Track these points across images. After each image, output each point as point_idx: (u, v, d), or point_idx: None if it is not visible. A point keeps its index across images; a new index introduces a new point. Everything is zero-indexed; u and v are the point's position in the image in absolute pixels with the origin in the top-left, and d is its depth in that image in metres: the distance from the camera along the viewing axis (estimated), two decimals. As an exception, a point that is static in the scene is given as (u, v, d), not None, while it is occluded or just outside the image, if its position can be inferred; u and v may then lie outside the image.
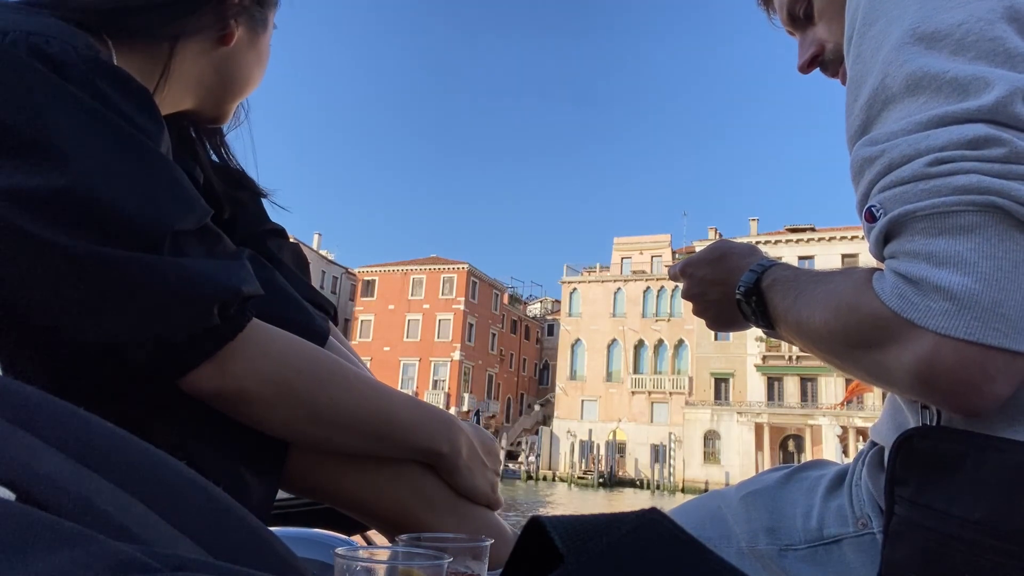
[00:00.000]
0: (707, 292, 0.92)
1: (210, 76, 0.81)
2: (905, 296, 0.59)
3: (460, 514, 0.75)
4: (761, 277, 0.80)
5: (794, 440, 39.26)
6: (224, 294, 0.61)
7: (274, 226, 0.92)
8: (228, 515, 0.38)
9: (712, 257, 0.92)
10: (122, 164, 0.59)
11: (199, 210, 0.63)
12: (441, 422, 0.76)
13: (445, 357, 47.48)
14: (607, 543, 0.30)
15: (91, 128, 0.59)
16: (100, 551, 0.25)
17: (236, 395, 0.65)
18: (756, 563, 0.89)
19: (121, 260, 0.57)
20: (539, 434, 47.83)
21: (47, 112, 0.57)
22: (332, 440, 0.71)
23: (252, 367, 0.65)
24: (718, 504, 0.97)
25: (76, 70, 0.60)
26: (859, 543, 0.80)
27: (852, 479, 0.85)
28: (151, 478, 0.35)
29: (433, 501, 0.75)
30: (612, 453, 44.08)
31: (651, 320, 45.62)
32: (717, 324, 0.94)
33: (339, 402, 0.70)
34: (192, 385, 0.63)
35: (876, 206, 0.62)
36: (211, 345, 0.62)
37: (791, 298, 0.74)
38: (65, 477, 0.30)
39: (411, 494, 0.74)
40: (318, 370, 0.70)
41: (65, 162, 0.56)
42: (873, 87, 0.65)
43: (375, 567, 0.42)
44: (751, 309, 0.81)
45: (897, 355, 0.60)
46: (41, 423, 0.33)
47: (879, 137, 0.63)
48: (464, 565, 0.49)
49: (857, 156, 0.65)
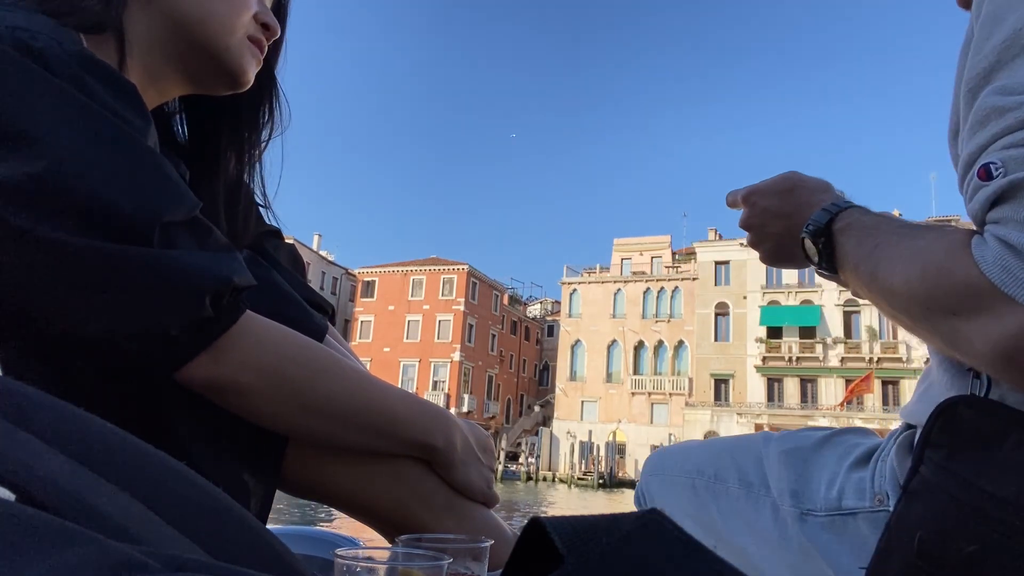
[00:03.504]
0: (768, 224, 0.86)
1: (166, 30, 0.75)
2: (1010, 269, 0.55)
3: (459, 515, 0.75)
4: (835, 218, 0.75)
5: (794, 441, 39.21)
6: (216, 285, 0.61)
7: (270, 227, 0.92)
8: (228, 515, 0.38)
9: (781, 188, 0.86)
10: (110, 156, 0.59)
11: (189, 202, 0.63)
12: (436, 417, 0.76)
13: (445, 358, 47.46)
14: (607, 543, 0.29)
15: (78, 121, 0.58)
16: (100, 551, 0.25)
17: (231, 386, 0.65)
18: (781, 523, 0.88)
19: (111, 252, 0.56)
20: (539, 435, 47.79)
21: (32, 105, 0.57)
22: (326, 433, 0.71)
23: (247, 358, 0.65)
24: (764, 452, 0.96)
25: (62, 64, 0.60)
26: (874, 519, 0.79)
27: (879, 455, 0.83)
28: (151, 478, 0.35)
29: (432, 502, 0.75)
30: (612, 454, 44.04)
31: (651, 321, 45.60)
32: (772, 259, 0.90)
33: (333, 394, 0.70)
34: (186, 376, 0.63)
35: (997, 163, 0.56)
36: (205, 337, 0.62)
37: (867, 247, 0.70)
38: (65, 477, 0.30)
39: (409, 495, 0.74)
40: (313, 362, 0.70)
41: (51, 153, 0.56)
42: (1015, 28, 0.58)
43: (375, 568, 0.42)
44: (817, 250, 0.77)
45: (983, 326, 0.56)
46: (41, 423, 0.33)
47: (1015, 87, 0.57)
48: (464, 566, 0.49)
49: (985, 104, 0.59)
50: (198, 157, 0.87)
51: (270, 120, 0.92)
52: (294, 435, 0.70)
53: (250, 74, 0.82)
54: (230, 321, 0.63)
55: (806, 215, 0.78)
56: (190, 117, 0.91)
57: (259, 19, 0.82)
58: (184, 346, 0.61)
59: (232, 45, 0.78)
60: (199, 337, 0.62)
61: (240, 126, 0.90)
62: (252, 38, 0.81)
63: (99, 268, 0.56)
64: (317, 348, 0.72)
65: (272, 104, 0.92)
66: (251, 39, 0.81)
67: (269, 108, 0.92)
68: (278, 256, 0.88)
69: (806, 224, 0.78)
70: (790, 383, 39.80)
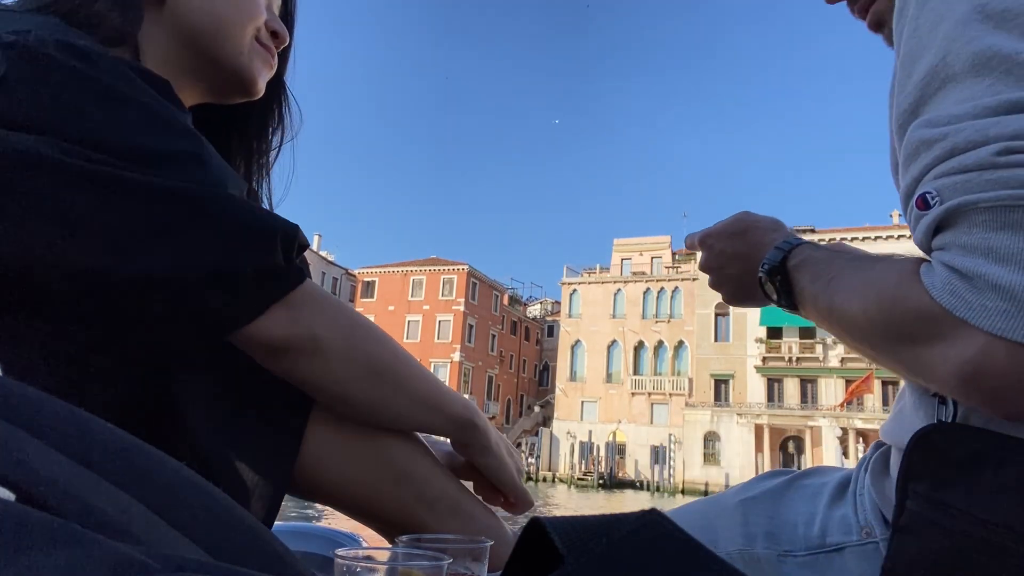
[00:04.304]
0: (726, 266, 0.88)
1: (177, 42, 0.77)
2: (958, 292, 0.55)
3: (461, 516, 0.75)
4: (788, 255, 0.77)
5: (794, 442, 39.25)
6: (285, 229, 0.63)
7: None
8: (228, 515, 0.38)
9: (734, 230, 0.87)
10: (169, 138, 0.62)
11: (240, 181, 0.67)
12: (471, 404, 0.77)
13: (445, 358, 47.48)
14: (607, 544, 0.30)
15: (129, 112, 0.61)
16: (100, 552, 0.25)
17: (309, 344, 0.65)
18: (749, 567, 0.88)
19: (192, 192, 0.60)
20: (539, 435, 47.81)
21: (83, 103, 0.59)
22: (386, 401, 0.71)
23: (322, 317, 0.66)
24: (714, 508, 0.96)
25: (103, 62, 0.62)
26: (862, 552, 0.79)
27: (856, 487, 0.84)
28: (151, 478, 0.35)
29: (433, 502, 0.75)
30: (612, 454, 44.06)
31: (651, 321, 45.62)
32: (734, 299, 0.91)
33: (395, 363, 0.71)
34: (263, 332, 0.63)
35: (932, 193, 0.58)
36: (282, 286, 0.63)
37: (823, 282, 0.71)
38: (65, 477, 0.30)
39: (411, 495, 0.74)
40: (374, 329, 0.72)
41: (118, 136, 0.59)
42: (931, 64, 0.60)
43: (375, 568, 0.42)
44: (774, 288, 0.78)
45: (942, 352, 0.56)
46: (41, 423, 0.33)
47: (939, 119, 0.58)
48: (464, 566, 0.49)
49: (913, 137, 0.61)
50: None
51: (280, 126, 0.93)
52: (354, 403, 0.70)
53: (261, 82, 0.83)
54: (301, 277, 0.64)
55: (761, 255, 0.80)
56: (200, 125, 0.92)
57: (269, 27, 0.83)
58: (260, 294, 0.62)
59: (243, 54, 0.80)
60: (275, 286, 0.63)
61: (248, 133, 0.92)
62: (263, 44, 0.82)
63: (180, 206, 0.59)
64: (368, 319, 0.74)
65: (281, 111, 0.94)
66: (262, 46, 0.82)
67: (279, 115, 0.93)
68: None
69: (762, 263, 0.79)
70: (790, 383, 39.81)
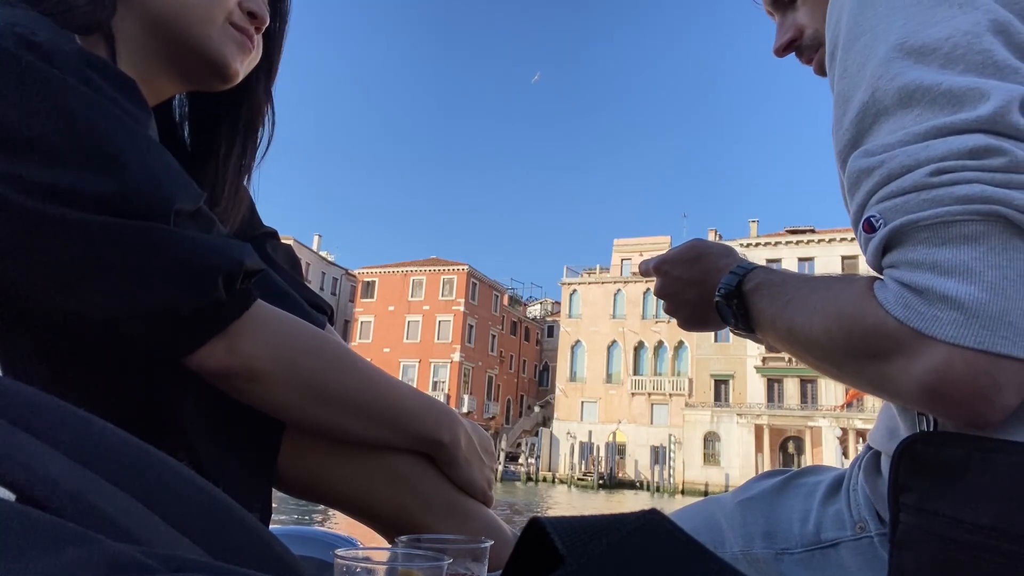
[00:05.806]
0: (682, 291, 0.90)
1: (146, 28, 0.74)
2: (911, 306, 0.58)
3: (459, 515, 0.75)
4: (743, 280, 0.79)
5: (794, 442, 39.22)
6: (228, 265, 0.61)
7: (267, 229, 0.93)
8: (228, 515, 0.38)
9: (688, 257, 0.90)
10: (119, 145, 0.59)
11: (194, 192, 0.63)
12: (443, 413, 0.76)
13: (445, 358, 47.45)
14: (607, 544, 0.29)
15: (85, 112, 0.58)
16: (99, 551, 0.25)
17: (245, 374, 0.64)
18: (751, 567, 0.89)
19: (127, 229, 0.56)
20: (539, 436, 47.77)
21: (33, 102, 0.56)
22: (336, 423, 0.70)
23: (261, 346, 0.65)
24: (713, 510, 0.97)
25: (65, 59, 0.60)
26: (857, 546, 0.80)
27: (849, 484, 0.85)
28: (151, 478, 0.35)
29: (431, 502, 0.75)
30: (612, 455, 44.03)
31: (651, 322, 45.58)
32: (689, 324, 0.93)
33: (345, 384, 0.70)
34: (200, 363, 0.63)
35: (876, 216, 0.62)
36: (219, 321, 0.62)
37: (780, 303, 0.73)
38: (65, 477, 0.30)
39: (409, 495, 0.74)
40: (325, 352, 0.70)
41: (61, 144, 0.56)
42: (863, 101, 0.64)
43: (375, 568, 0.42)
44: (731, 312, 0.80)
45: (904, 366, 0.59)
46: (41, 423, 0.33)
47: (875, 149, 0.63)
48: (464, 566, 0.49)
49: (853, 168, 0.65)
50: (198, 159, 0.87)
51: (272, 118, 0.91)
52: (304, 425, 0.70)
53: (235, 65, 0.78)
54: (243, 306, 0.63)
55: (716, 280, 0.81)
56: (193, 121, 0.91)
57: (245, 7, 0.78)
58: (198, 329, 0.61)
59: (212, 35, 0.76)
60: (213, 321, 0.62)
61: (237, 130, 0.90)
62: (237, 27, 0.78)
63: (113, 245, 0.56)
64: (329, 339, 0.72)
65: (272, 103, 0.91)
66: (237, 27, 0.78)
67: (270, 108, 0.91)
68: (276, 257, 0.88)
69: (718, 288, 0.81)
70: (790, 384, 39.77)
